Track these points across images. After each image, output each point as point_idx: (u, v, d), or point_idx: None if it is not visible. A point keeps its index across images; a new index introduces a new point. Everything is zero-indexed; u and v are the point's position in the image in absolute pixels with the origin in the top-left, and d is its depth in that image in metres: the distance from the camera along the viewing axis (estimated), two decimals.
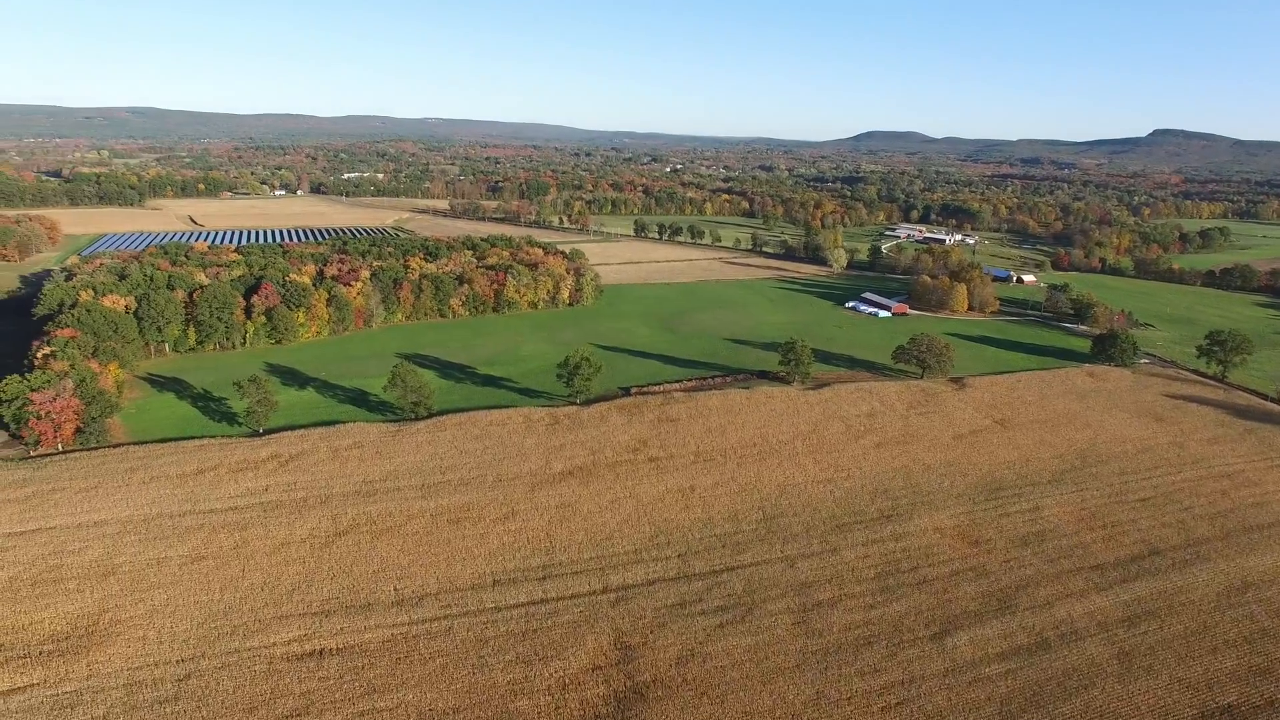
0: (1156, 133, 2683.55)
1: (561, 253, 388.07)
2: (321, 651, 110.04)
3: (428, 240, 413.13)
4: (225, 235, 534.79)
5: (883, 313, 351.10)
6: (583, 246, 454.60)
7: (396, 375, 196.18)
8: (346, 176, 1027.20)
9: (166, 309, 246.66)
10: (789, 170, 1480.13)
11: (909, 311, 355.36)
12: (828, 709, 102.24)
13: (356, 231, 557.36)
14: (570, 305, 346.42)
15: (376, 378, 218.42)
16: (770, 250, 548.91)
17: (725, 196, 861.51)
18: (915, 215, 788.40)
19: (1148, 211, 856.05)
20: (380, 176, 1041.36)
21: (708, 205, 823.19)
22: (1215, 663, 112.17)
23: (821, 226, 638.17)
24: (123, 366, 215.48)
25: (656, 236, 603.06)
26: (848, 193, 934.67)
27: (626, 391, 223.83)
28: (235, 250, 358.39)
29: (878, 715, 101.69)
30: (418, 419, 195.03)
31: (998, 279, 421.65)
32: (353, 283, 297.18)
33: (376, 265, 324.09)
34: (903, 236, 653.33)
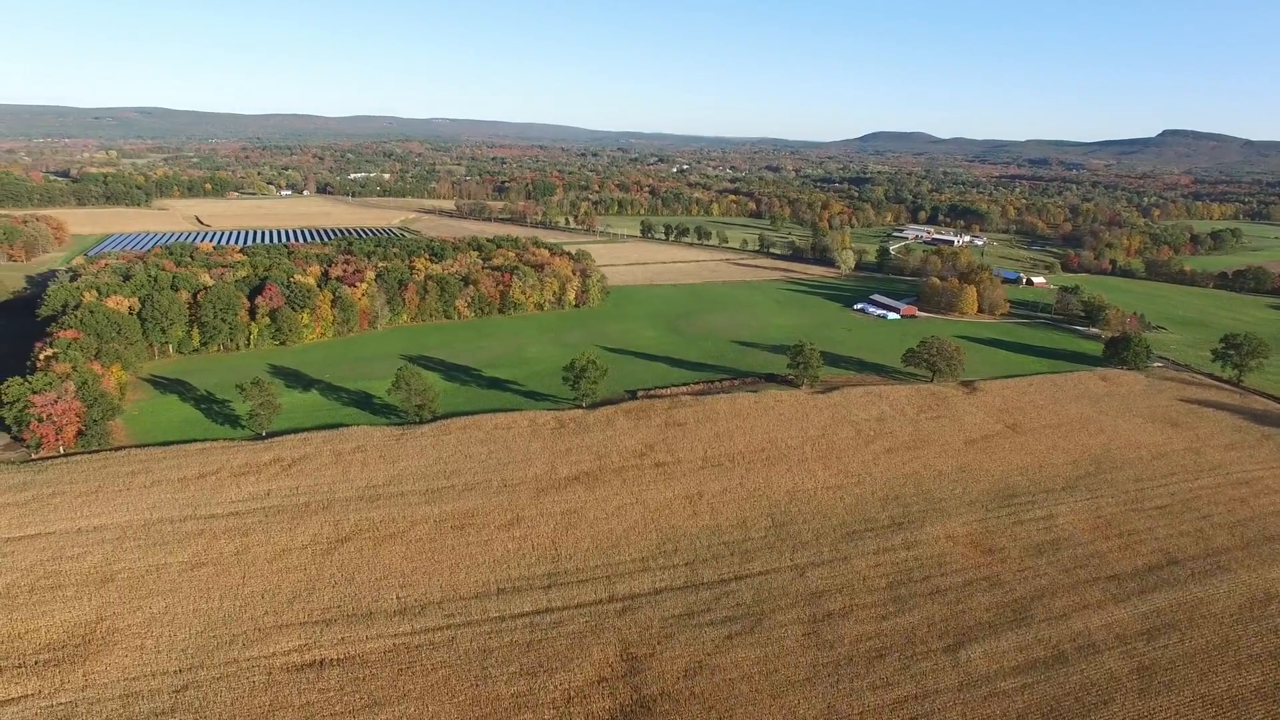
0: (1166, 133, 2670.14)
1: (568, 254, 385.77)
2: (322, 662, 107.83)
3: (433, 241, 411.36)
4: (231, 235, 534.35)
5: (891, 315, 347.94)
6: (589, 247, 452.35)
7: (400, 378, 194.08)
8: (353, 177, 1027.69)
9: (170, 310, 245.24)
10: (796, 171, 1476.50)
11: (918, 313, 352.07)
12: None
13: (362, 232, 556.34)
14: (576, 307, 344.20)
15: (381, 380, 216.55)
16: (777, 251, 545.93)
17: (732, 197, 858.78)
18: (923, 216, 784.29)
19: (1157, 213, 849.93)
20: (387, 177, 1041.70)
21: (714, 206, 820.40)
22: (1239, 679, 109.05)
23: (829, 227, 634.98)
24: (125, 368, 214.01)
25: (663, 237, 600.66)
26: (855, 193, 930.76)
27: (633, 395, 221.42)
28: (240, 251, 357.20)
29: None
30: (422, 422, 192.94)
31: (1007, 281, 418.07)
32: (358, 284, 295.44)
33: (382, 266, 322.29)
34: (910, 238, 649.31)
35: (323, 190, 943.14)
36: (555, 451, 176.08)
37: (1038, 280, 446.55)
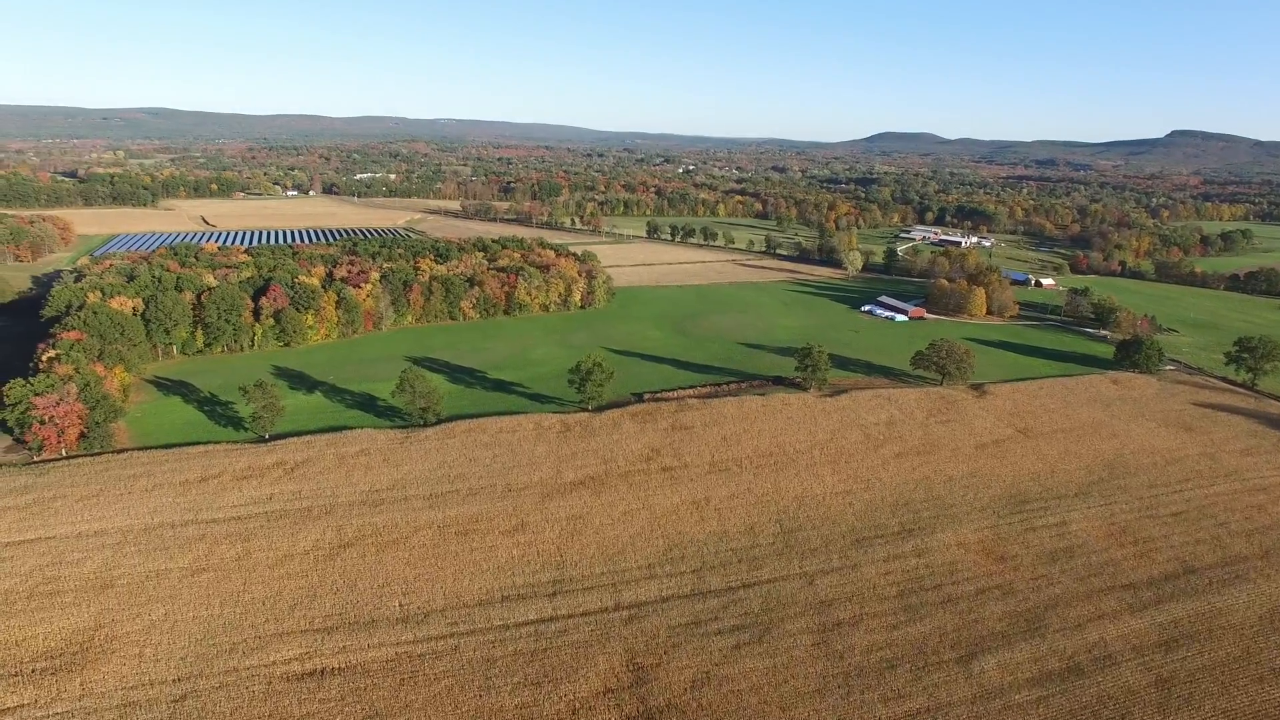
0: (1174, 133, 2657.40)
1: (573, 254, 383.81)
2: (323, 671, 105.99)
3: (438, 241, 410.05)
4: (236, 236, 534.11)
5: (899, 317, 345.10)
6: (595, 248, 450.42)
7: (405, 380, 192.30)
8: (359, 177, 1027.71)
9: (174, 311, 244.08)
10: (802, 171, 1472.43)
11: (926, 315, 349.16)
12: None
13: (367, 232, 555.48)
14: (582, 308, 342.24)
15: (385, 382, 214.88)
16: (784, 252, 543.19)
17: (738, 198, 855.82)
18: (930, 217, 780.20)
19: (1166, 213, 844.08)
20: (393, 177, 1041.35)
21: (721, 207, 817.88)
22: (1262, 693, 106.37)
23: (836, 228, 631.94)
24: (129, 370, 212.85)
25: (669, 238, 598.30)
26: (862, 194, 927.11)
27: (639, 397, 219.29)
28: (245, 251, 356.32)
29: None
30: (426, 425, 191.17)
31: (1015, 282, 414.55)
32: (362, 285, 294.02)
33: (386, 267, 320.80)
34: (918, 238, 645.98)
35: (328, 191, 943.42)
36: (560, 455, 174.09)
37: (1046, 282, 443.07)
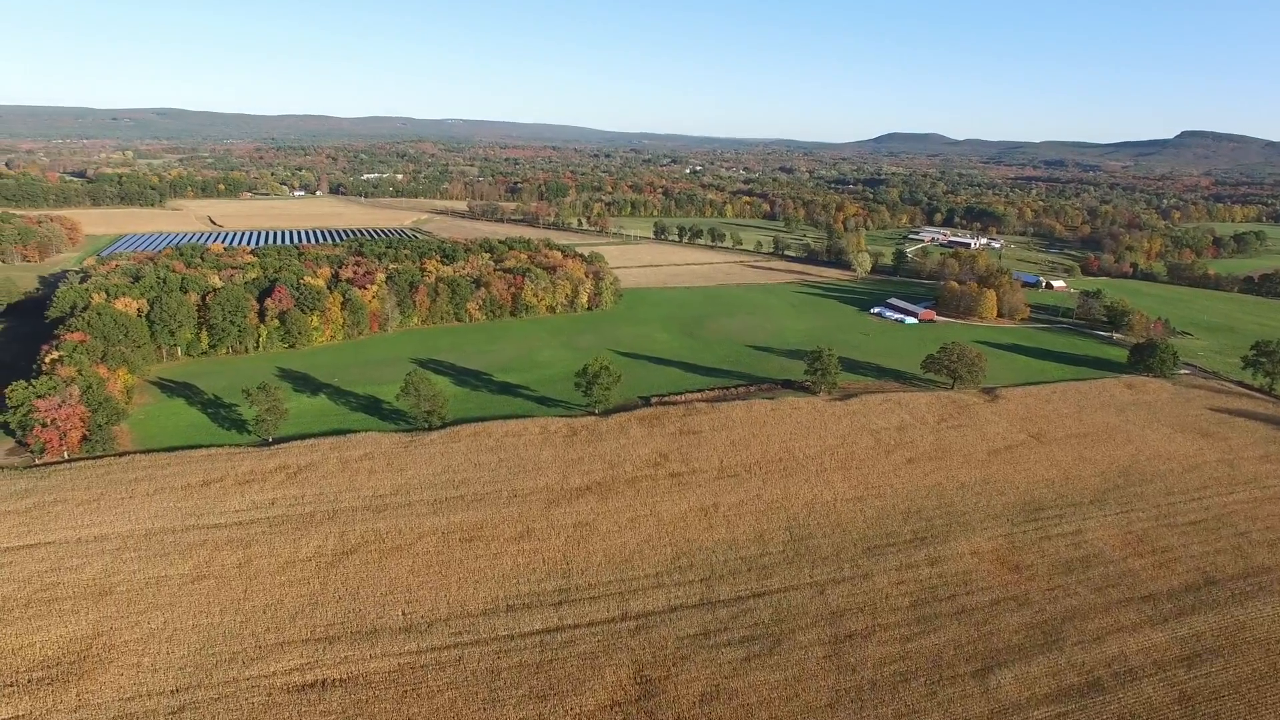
0: (1184, 134, 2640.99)
1: (580, 256, 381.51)
2: (324, 682, 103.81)
3: (445, 242, 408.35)
4: (242, 236, 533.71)
5: (909, 319, 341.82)
6: (602, 249, 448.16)
7: (410, 383, 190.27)
8: (366, 177, 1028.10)
9: (179, 312, 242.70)
10: (809, 172, 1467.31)
11: (936, 318, 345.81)
12: None
13: (374, 233, 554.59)
14: (589, 309, 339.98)
15: (390, 384, 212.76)
16: (792, 254, 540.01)
17: (746, 198, 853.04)
18: (938, 218, 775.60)
19: (1178, 215, 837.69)
20: (400, 177, 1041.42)
21: (728, 207, 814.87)
22: None
23: (844, 229, 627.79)
24: (132, 371, 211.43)
25: (677, 239, 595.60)
26: (869, 195, 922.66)
27: (647, 401, 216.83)
28: (251, 252, 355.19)
29: None
30: (431, 429, 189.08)
31: (1026, 284, 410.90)
32: (368, 286, 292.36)
33: (392, 268, 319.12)
34: (926, 240, 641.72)
35: (335, 191, 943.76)
36: (567, 460, 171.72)
37: (1057, 284, 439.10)
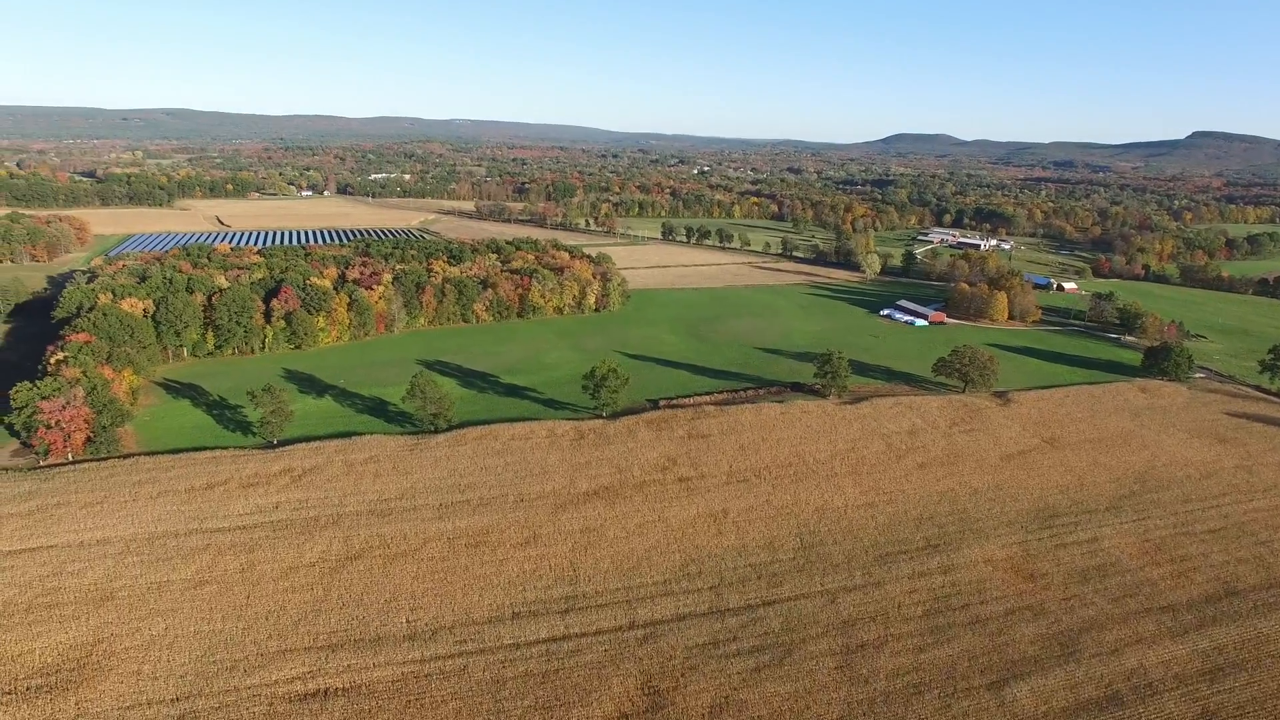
0: (1195, 134, 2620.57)
1: (588, 256, 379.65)
2: (326, 691, 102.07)
3: (452, 243, 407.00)
4: (250, 236, 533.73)
5: (919, 321, 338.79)
6: (609, 249, 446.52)
7: (415, 386, 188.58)
8: (373, 177, 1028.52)
9: (185, 313, 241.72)
10: (817, 173, 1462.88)
11: (946, 320, 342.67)
12: None
13: (381, 233, 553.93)
14: (596, 311, 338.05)
15: (396, 386, 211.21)
16: (800, 255, 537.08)
17: (754, 199, 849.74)
18: (948, 219, 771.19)
19: (1189, 216, 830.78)
20: (407, 177, 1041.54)
21: (736, 208, 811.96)
22: None
23: (853, 230, 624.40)
24: (138, 372, 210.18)
25: (684, 239, 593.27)
26: (878, 196, 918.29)
27: (655, 404, 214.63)
28: (258, 252, 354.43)
29: None
30: (437, 431, 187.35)
31: (1037, 286, 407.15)
32: (374, 286, 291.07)
33: (399, 268, 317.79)
34: (936, 241, 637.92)
35: (343, 191, 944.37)
36: (574, 464, 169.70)
37: (1069, 286, 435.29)
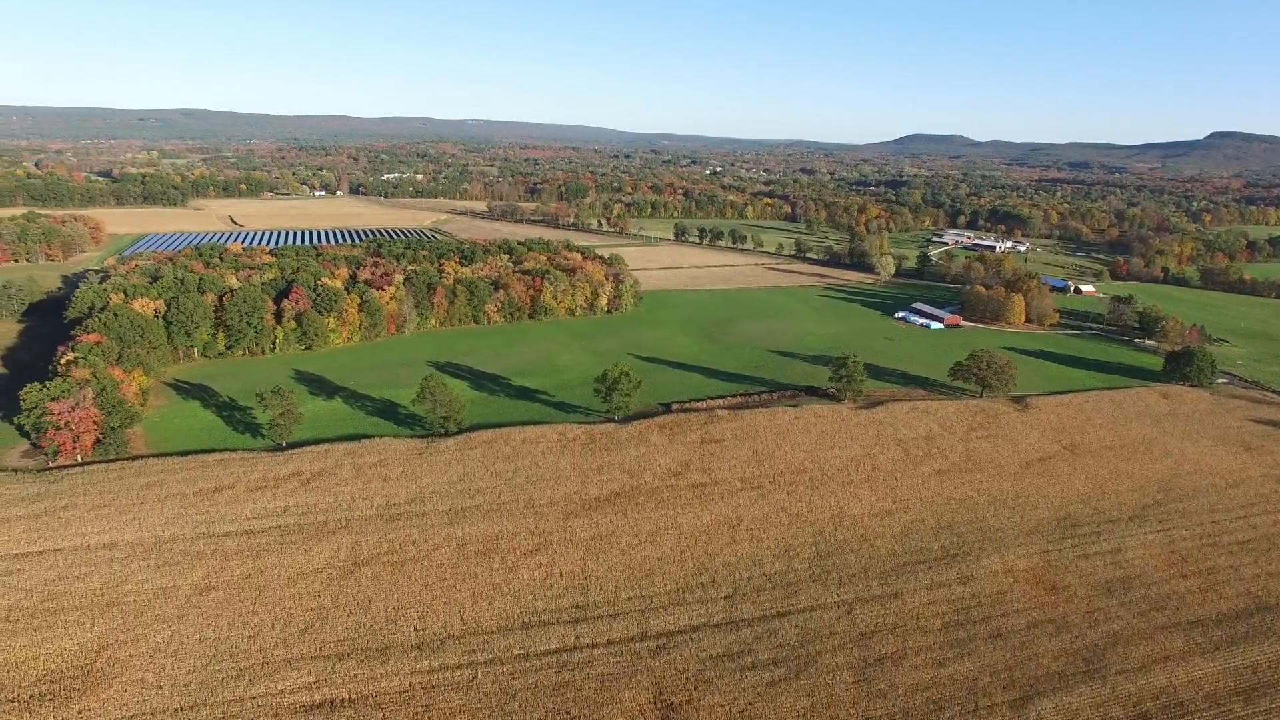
0: (1214, 135, 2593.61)
1: (600, 257, 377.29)
2: (332, 702, 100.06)
3: (463, 243, 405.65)
4: (262, 236, 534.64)
5: (934, 324, 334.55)
6: (622, 250, 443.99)
7: (425, 388, 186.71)
8: (386, 177, 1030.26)
9: (195, 313, 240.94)
10: (830, 173, 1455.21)
11: (962, 323, 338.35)
12: None
13: (393, 233, 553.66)
14: (609, 312, 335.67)
15: (407, 388, 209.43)
16: (814, 256, 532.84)
17: (767, 200, 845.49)
18: (962, 221, 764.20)
19: (1209, 218, 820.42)
20: (419, 177, 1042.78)
21: (749, 209, 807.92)
22: None
23: (866, 232, 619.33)
24: (148, 373, 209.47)
25: (697, 240, 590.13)
26: (892, 197, 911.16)
27: (667, 408, 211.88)
28: (269, 252, 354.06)
29: None
30: (447, 435, 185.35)
31: (1054, 289, 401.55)
32: (386, 287, 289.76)
33: (410, 269, 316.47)
34: (950, 243, 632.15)
35: (355, 191, 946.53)
36: (586, 469, 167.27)
37: (1086, 289, 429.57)
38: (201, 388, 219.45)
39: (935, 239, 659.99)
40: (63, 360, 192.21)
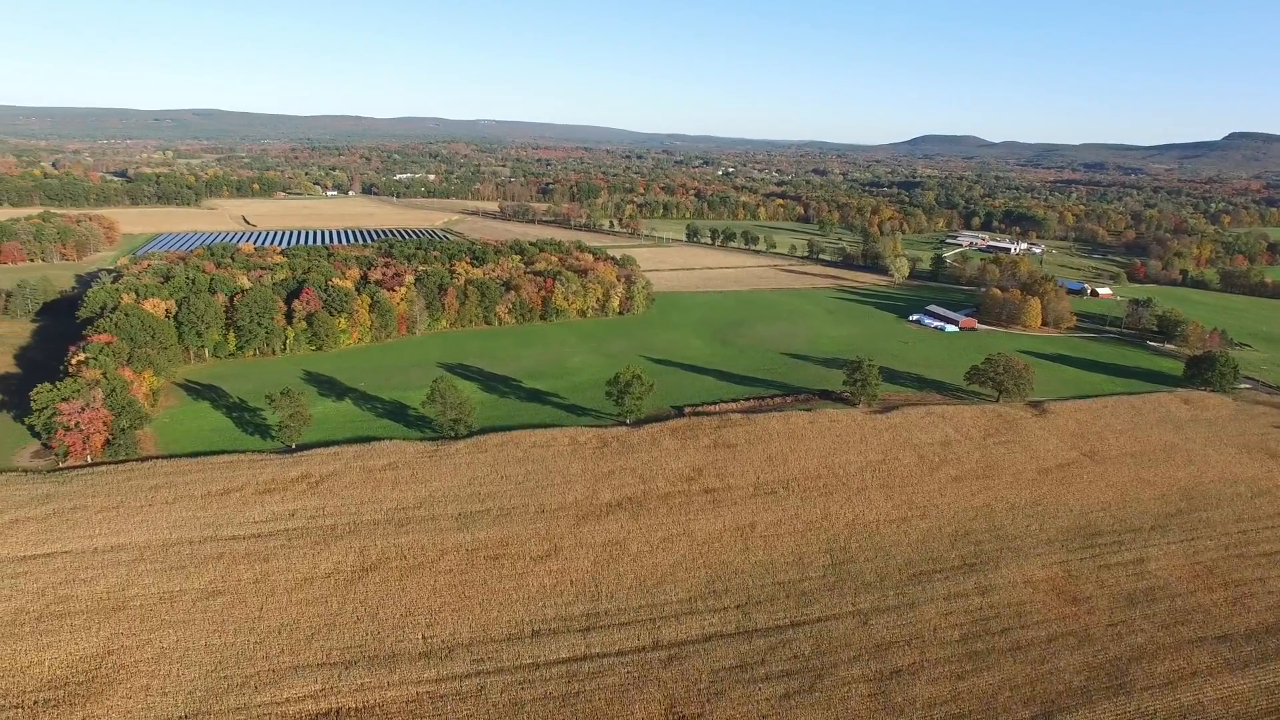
0: (1232, 135, 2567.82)
1: (612, 258, 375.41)
2: (338, 711, 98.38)
3: (475, 244, 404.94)
4: (274, 236, 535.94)
5: (949, 327, 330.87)
6: (634, 251, 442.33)
7: (436, 391, 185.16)
8: (398, 177, 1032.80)
9: (206, 313, 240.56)
10: (843, 174, 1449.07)
11: (977, 326, 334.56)
12: None
13: (404, 233, 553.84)
14: (620, 314, 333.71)
15: (417, 389, 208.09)
16: (827, 258, 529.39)
17: (779, 201, 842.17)
18: (976, 222, 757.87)
19: (1227, 219, 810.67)
20: (432, 178, 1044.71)
21: (761, 210, 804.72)
22: None
23: (880, 233, 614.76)
24: (158, 374, 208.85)
25: (709, 242, 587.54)
26: (905, 198, 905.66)
27: (680, 411, 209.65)
28: (281, 252, 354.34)
29: None
30: (457, 437, 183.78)
31: (1071, 292, 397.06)
32: (396, 288, 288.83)
33: (421, 270, 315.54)
34: (965, 244, 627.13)
35: (368, 191, 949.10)
36: (597, 474, 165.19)
37: (1103, 291, 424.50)
38: (212, 388, 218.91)
39: (949, 240, 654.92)
40: (73, 360, 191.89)
